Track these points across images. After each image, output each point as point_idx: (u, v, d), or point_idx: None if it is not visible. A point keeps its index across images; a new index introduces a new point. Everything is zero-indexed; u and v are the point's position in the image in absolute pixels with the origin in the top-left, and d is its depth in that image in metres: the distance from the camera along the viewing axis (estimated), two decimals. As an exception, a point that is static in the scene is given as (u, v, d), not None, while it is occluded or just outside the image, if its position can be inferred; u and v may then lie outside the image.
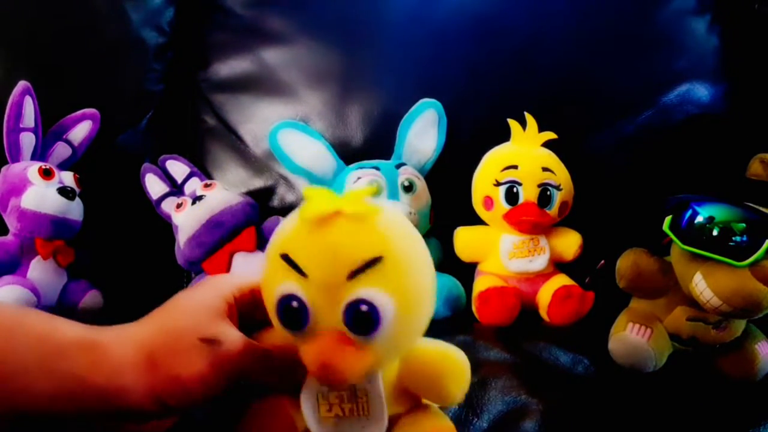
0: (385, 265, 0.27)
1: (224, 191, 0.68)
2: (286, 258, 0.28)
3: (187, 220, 0.65)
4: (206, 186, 0.68)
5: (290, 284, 0.28)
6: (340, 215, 0.27)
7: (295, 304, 0.28)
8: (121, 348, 0.30)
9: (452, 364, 0.32)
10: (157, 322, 0.33)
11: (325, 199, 0.28)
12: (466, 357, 0.32)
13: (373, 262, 0.27)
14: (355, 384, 0.31)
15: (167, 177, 0.71)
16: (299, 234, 0.28)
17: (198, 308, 0.33)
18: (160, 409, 0.31)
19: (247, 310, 0.35)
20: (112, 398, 0.29)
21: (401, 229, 0.29)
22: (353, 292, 0.27)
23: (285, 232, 0.29)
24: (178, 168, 0.72)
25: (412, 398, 0.33)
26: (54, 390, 0.28)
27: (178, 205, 0.67)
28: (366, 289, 0.27)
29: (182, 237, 0.65)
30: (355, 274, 0.27)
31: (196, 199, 0.66)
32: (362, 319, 0.27)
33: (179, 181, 0.71)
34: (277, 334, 0.32)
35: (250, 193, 0.74)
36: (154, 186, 0.70)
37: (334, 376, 0.28)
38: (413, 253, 0.29)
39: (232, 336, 0.32)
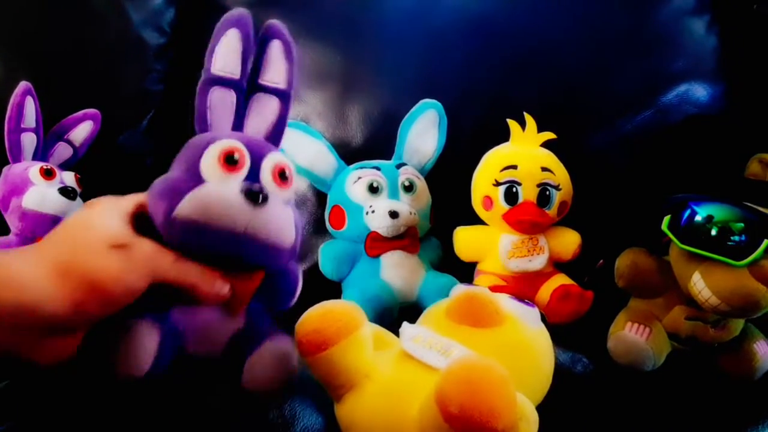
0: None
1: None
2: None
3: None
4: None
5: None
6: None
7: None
8: (26, 263, 0.30)
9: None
10: (61, 237, 0.33)
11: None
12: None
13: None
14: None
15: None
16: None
17: (102, 220, 0.33)
18: (80, 318, 0.31)
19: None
20: (27, 312, 0.29)
21: None
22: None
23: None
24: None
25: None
26: None
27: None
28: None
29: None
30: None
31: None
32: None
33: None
34: None
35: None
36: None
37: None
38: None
39: (141, 240, 0.33)
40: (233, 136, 0.40)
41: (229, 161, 0.38)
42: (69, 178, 0.65)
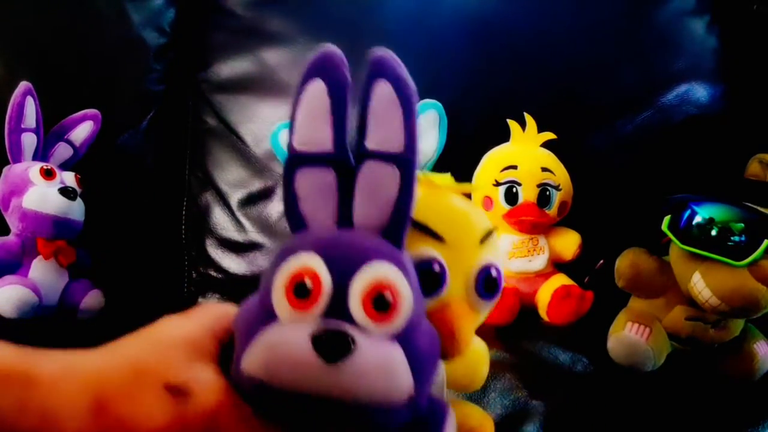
0: (493, 237, 0.31)
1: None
2: (421, 226, 0.29)
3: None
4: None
5: (429, 249, 0.28)
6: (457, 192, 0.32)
7: (437, 267, 0.28)
8: (64, 384, 0.24)
9: None
10: (121, 354, 0.26)
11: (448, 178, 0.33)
12: None
13: (491, 233, 0.30)
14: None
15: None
16: (430, 203, 0.30)
17: (175, 342, 0.26)
18: None
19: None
20: None
21: None
22: (483, 257, 0.29)
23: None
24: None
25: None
26: None
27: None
28: (491, 256, 0.29)
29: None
30: (484, 239, 0.29)
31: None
32: (493, 284, 0.29)
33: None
34: None
35: (250, 193, 0.74)
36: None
37: (460, 346, 0.28)
38: None
39: (207, 385, 0.25)
40: (316, 241, 0.26)
41: (299, 292, 0.25)
42: (69, 178, 0.65)
